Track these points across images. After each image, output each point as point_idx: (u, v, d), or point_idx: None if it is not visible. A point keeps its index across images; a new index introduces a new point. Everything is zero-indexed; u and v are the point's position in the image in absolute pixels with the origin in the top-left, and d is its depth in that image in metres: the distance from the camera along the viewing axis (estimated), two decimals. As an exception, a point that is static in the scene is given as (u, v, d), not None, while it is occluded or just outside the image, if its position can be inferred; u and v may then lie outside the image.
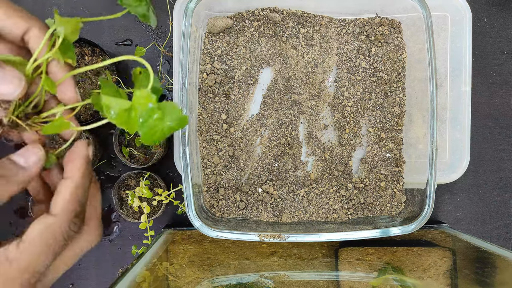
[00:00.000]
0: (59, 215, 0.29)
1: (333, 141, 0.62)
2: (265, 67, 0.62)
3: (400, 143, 0.61)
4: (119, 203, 0.66)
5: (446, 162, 0.64)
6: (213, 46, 0.61)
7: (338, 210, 0.61)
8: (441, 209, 0.71)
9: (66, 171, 0.30)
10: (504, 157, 0.71)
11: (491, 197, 0.71)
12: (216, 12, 0.61)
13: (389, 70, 0.61)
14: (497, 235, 0.71)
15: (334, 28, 0.62)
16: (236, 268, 0.59)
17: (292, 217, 0.61)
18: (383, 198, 0.61)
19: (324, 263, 0.61)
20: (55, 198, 0.29)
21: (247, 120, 0.61)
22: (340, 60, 0.62)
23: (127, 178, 0.66)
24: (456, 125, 0.63)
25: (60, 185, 0.30)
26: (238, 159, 0.61)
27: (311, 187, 0.61)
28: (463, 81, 0.63)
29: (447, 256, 0.60)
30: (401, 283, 0.55)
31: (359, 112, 0.62)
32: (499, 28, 0.70)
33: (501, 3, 0.70)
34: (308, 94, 0.62)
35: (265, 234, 0.54)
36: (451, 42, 0.63)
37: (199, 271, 0.57)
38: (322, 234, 0.54)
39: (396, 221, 0.58)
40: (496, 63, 0.70)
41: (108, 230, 0.70)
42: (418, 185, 0.57)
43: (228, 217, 0.61)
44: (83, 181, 0.30)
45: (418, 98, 0.59)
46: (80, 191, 0.30)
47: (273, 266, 0.59)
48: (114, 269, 0.70)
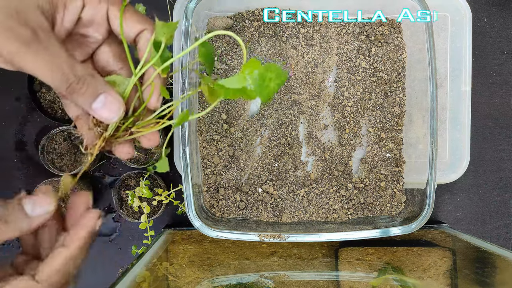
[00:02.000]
0: (43, 284, 0.27)
1: (333, 141, 0.62)
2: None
3: (400, 143, 0.61)
4: (119, 203, 0.66)
5: (446, 162, 0.64)
6: (213, 46, 0.61)
7: (338, 210, 0.61)
8: (441, 209, 0.71)
9: (66, 238, 0.29)
10: (504, 157, 0.71)
11: (491, 197, 0.71)
12: (216, 12, 0.61)
13: (389, 70, 0.61)
14: (497, 235, 0.71)
15: (334, 28, 0.62)
16: (236, 268, 0.59)
17: (292, 217, 0.61)
18: (383, 198, 0.61)
19: (324, 263, 0.61)
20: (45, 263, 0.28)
21: (247, 120, 0.61)
22: (340, 60, 0.62)
23: (127, 178, 0.66)
24: (456, 125, 0.63)
25: (54, 251, 0.28)
26: (238, 159, 0.61)
27: (311, 187, 0.61)
28: (463, 81, 0.63)
29: (447, 256, 0.60)
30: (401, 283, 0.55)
31: (359, 112, 0.62)
32: (499, 28, 0.70)
33: (501, 3, 0.70)
34: (308, 94, 0.62)
35: (265, 234, 0.53)
36: (451, 42, 0.63)
37: (199, 271, 0.57)
38: (322, 234, 0.54)
39: (396, 221, 0.58)
40: (496, 63, 0.70)
41: (108, 230, 0.70)
42: (418, 185, 0.57)
43: (228, 217, 0.61)
44: (79, 254, 0.29)
45: (418, 98, 0.59)
46: (72, 263, 0.29)
47: (273, 266, 0.59)
48: (114, 269, 0.70)
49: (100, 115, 0.30)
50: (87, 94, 0.29)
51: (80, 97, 0.29)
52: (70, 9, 0.29)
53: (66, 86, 0.28)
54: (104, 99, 0.29)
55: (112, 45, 0.33)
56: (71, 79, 0.28)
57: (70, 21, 0.30)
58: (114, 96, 0.30)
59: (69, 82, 0.28)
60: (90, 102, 0.29)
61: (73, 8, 0.29)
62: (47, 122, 0.68)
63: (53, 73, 0.27)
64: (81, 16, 0.30)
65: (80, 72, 0.28)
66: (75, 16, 0.30)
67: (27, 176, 0.69)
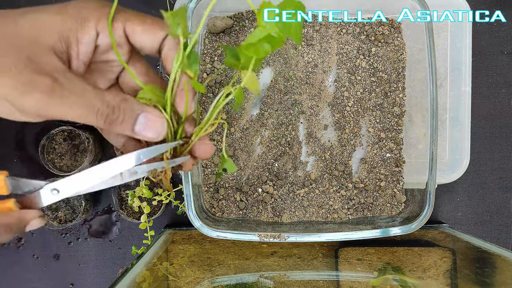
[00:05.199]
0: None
1: (333, 141, 0.62)
2: (265, 67, 0.62)
3: (400, 143, 0.61)
4: (119, 203, 0.66)
5: (446, 162, 0.64)
6: (213, 46, 0.61)
7: (338, 210, 0.61)
8: (441, 209, 0.71)
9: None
10: (504, 157, 0.71)
11: (491, 197, 0.71)
12: (216, 12, 0.61)
13: (389, 70, 0.61)
14: (497, 235, 0.71)
15: (334, 28, 0.62)
16: (236, 268, 0.59)
17: (292, 217, 0.61)
18: (383, 198, 0.61)
19: (324, 263, 0.61)
20: None
21: (247, 120, 0.61)
22: (340, 60, 0.62)
23: (127, 178, 0.66)
24: (456, 125, 0.63)
25: None
26: (238, 159, 0.61)
27: (311, 187, 0.61)
28: (463, 81, 0.63)
29: (447, 256, 0.60)
30: (401, 283, 0.55)
31: (359, 112, 0.62)
32: (499, 28, 0.70)
33: (501, 3, 0.70)
34: (308, 94, 0.62)
35: (265, 234, 0.54)
36: (451, 42, 0.63)
37: (199, 271, 0.57)
38: (322, 234, 0.54)
39: (396, 221, 0.58)
40: (496, 63, 0.70)
41: (108, 230, 0.70)
42: (418, 185, 0.57)
43: (228, 217, 0.61)
44: None
45: (418, 98, 0.59)
46: None
47: (273, 266, 0.59)
48: (114, 269, 0.70)
49: (144, 137, 0.29)
50: (125, 121, 0.28)
51: (120, 125, 0.28)
52: (84, 42, 0.28)
53: (103, 120, 0.27)
54: (144, 119, 0.28)
55: (136, 64, 0.32)
56: (106, 111, 0.27)
57: (87, 53, 0.29)
58: (153, 113, 0.29)
59: (104, 115, 0.27)
60: (131, 127, 0.28)
61: (87, 40, 0.28)
62: (47, 122, 0.68)
63: (85, 112, 0.26)
64: (98, 44, 0.29)
65: (112, 101, 0.27)
66: (90, 47, 0.29)
67: (27, 176, 0.69)
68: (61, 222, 0.66)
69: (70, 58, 0.28)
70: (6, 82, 0.24)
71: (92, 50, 0.29)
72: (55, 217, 0.66)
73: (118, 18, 0.28)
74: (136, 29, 0.29)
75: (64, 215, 0.66)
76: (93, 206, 0.70)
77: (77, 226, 0.70)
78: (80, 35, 0.28)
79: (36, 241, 0.70)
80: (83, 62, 0.29)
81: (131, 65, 0.32)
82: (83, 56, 0.29)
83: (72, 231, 0.70)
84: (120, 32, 0.29)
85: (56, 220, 0.66)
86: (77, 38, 0.27)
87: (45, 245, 0.70)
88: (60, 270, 0.70)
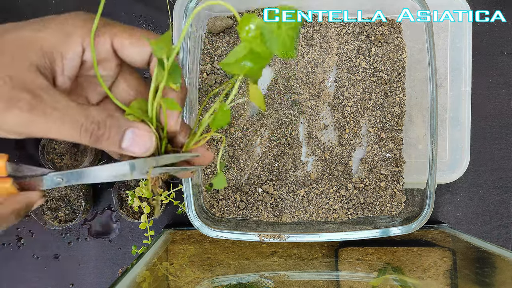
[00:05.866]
0: None
1: (333, 141, 0.62)
2: (265, 67, 0.62)
3: (400, 143, 0.61)
4: (119, 203, 0.66)
5: (446, 162, 0.64)
6: (213, 46, 0.61)
7: (338, 210, 0.61)
8: (441, 209, 0.71)
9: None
10: (504, 157, 0.71)
11: (491, 197, 0.71)
12: (216, 12, 0.61)
13: (389, 70, 0.61)
14: (497, 235, 0.71)
15: (334, 28, 0.62)
16: (236, 268, 0.59)
17: (292, 217, 0.61)
18: (383, 198, 0.61)
19: (324, 263, 0.61)
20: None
21: (247, 120, 0.61)
22: (340, 60, 0.62)
23: (127, 178, 0.66)
24: (456, 125, 0.63)
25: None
26: (238, 159, 0.61)
27: (311, 187, 0.61)
28: (463, 81, 0.63)
29: (447, 256, 0.60)
30: (401, 283, 0.55)
31: (359, 112, 0.62)
32: (499, 28, 0.70)
33: (501, 3, 0.70)
34: (308, 94, 0.62)
35: (265, 234, 0.54)
36: (451, 42, 0.63)
37: (199, 271, 0.57)
38: (322, 234, 0.54)
39: (396, 221, 0.58)
40: (496, 63, 0.70)
41: (108, 230, 0.70)
42: (418, 185, 0.57)
43: (228, 217, 0.61)
44: None
45: (418, 98, 0.59)
46: None
47: (273, 266, 0.59)
48: (114, 269, 0.70)
49: (133, 152, 0.28)
50: (112, 137, 0.27)
51: (106, 142, 0.27)
52: (68, 57, 0.27)
53: (88, 137, 0.26)
54: (131, 134, 0.28)
55: (127, 77, 0.31)
56: (90, 127, 0.26)
57: (72, 68, 0.28)
58: (140, 127, 0.28)
59: (89, 132, 0.26)
60: (118, 143, 0.28)
61: (71, 55, 0.27)
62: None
63: (69, 128, 0.25)
64: (84, 60, 0.28)
65: (97, 116, 0.26)
66: (76, 62, 0.28)
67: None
68: (61, 222, 0.66)
69: (55, 74, 0.28)
70: None
71: (78, 65, 0.28)
72: (55, 217, 0.66)
73: (104, 32, 0.28)
74: (124, 42, 0.28)
75: (64, 215, 0.66)
76: (93, 206, 0.70)
77: (77, 226, 0.70)
78: (64, 51, 0.27)
79: (36, 241, 0.70)
80: (68, 78, 0.28)
81: (122, 78, 0.31)
82: (69, 72, 0.28)
83: (72, 231, 0.70)
84: (107, 47, 0.28)
85: (56, 220, 0.66)
86: (61, 54, 0.27)
87: (45, 245, 0.70)
88: (60, 270, 0.70)
